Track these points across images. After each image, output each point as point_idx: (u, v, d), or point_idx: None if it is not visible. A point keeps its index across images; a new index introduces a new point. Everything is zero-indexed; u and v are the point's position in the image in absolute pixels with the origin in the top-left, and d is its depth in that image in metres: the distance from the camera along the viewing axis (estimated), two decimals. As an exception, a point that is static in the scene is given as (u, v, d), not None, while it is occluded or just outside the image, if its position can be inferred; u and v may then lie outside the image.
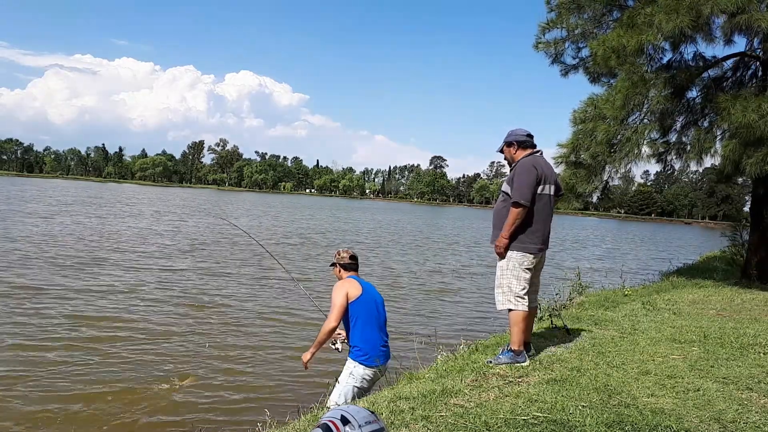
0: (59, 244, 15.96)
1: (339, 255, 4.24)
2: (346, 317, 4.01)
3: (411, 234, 32.90)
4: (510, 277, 3.92)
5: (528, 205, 3.83)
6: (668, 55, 9.67)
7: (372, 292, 4.11)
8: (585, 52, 10.80)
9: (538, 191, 3.88)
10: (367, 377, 3.95)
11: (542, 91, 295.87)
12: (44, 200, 38.32)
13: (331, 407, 3.91)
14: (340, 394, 3.95)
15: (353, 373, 3.95)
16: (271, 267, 14.63)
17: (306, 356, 4.09)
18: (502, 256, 3.99)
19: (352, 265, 4.20)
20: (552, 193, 3.99)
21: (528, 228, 3.90)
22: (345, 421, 1.56)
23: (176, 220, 29.22)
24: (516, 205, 3.83)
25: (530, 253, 3.90)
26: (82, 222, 23.66)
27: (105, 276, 11.79)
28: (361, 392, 3.97)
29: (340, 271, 4.22)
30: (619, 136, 9.14)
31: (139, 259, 14.54)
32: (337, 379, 4.06)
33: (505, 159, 4.20)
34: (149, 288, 10.90)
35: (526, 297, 3.91)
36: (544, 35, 10.94)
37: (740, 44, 9.75)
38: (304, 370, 4.16)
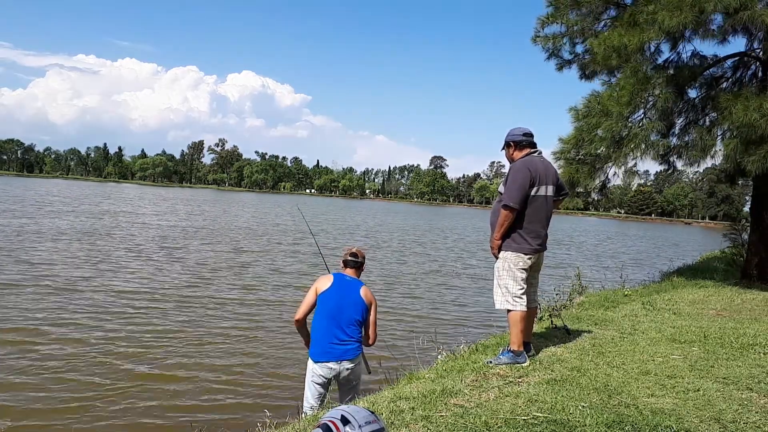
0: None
1: (344, 252, 4.34)
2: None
3: (409, 236, 32.89)
4: (506, 277, 3.92)
5: (516, 208, 3.82)
6: (666, 55, 9.69)
7: (344, 290, 4.03)
8: (579, 48, 10.77)
9: (532, 193, 3.86)
10: (316, 372, 3.93)
11: (542, 90, 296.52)
12: (5, 199, 35.53)
13: (305, 406, 3.96)
14: (305, 390, 4.03)
15: (307, 367, 4.03)
16: (253, 266, 14.60)
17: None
18: (496, 256, 4.02)
19: (349, 261, 4.22)
20: (550, 194, 3.96)
21: (522, 229, 3.90)
22: (345, 421, 1.56)
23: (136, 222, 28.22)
24: (504, 207, 3.85)
25: (525, 254, 3.90)
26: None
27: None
28: (324, 389, 3.97)
29: (343, 268, 4.28)
30: (624, 133, 9.12)
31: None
32: None
33: (506, 158, 4.20)
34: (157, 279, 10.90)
35: (524, 297, 3.90)
36: (543, 29, 10.90)
37: (740, 44, 9.77)
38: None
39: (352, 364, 3.97)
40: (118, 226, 23.26)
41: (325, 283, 4.05)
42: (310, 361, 4.00)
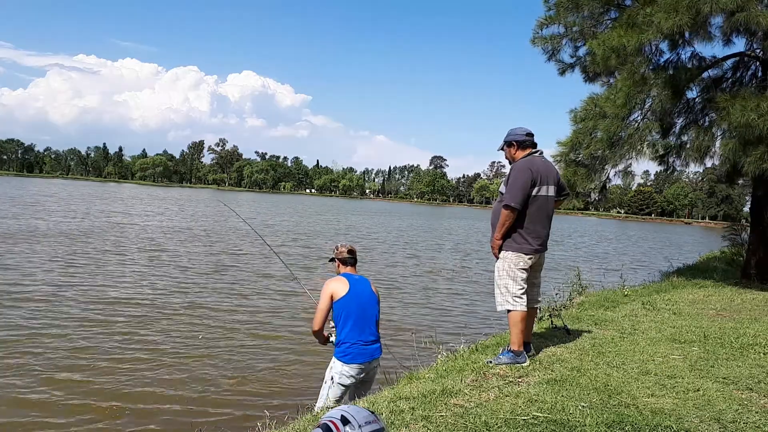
0: None
1: (338, 250, 4.19)
2: (335, 315, 4.01)
3: (407, 236, 32.86)
4: (506, 277, 3.92)
5: (518, 208, 3.82)
6: (666, 56, 9.71)
7: (361, 289, 4.01)
8: (582, 51, 10.81)
9: (533, 193, 3.86)
10: (346, 374, 3.90)
11: (542, 90, 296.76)
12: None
13: (319, 406, 3.92)
14: (324, 392, 3.98)
15: (333, 369, 3.97)
16: (241, 264, 14.60)
17: None
18: (497, 256, 4.02)
19: (350, 259, 4.15)
20: (551, 194, 3.97)
21: (522, 229, 3.90)
22: (345, 421, 1.56)
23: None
24: (506, 207, 3.84)
25: (525, 254, 3.90)
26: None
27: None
28: (347, 390, 3.96)
29: (338, 266, 4.19)
30: (621, 134, 9.14)
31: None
32: (323, 379, 4.06)
33: (506, 158, 4.19)
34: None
35: (524, 297, 3.90)
36: (541, 30, 10.93)
37: (740, 45, 9.77)
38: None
39: (377, 363, 4.05)
40: (112, 228, 23.26)
41: (340, 288, 3.97)
42: (337, 363, 3.93)
